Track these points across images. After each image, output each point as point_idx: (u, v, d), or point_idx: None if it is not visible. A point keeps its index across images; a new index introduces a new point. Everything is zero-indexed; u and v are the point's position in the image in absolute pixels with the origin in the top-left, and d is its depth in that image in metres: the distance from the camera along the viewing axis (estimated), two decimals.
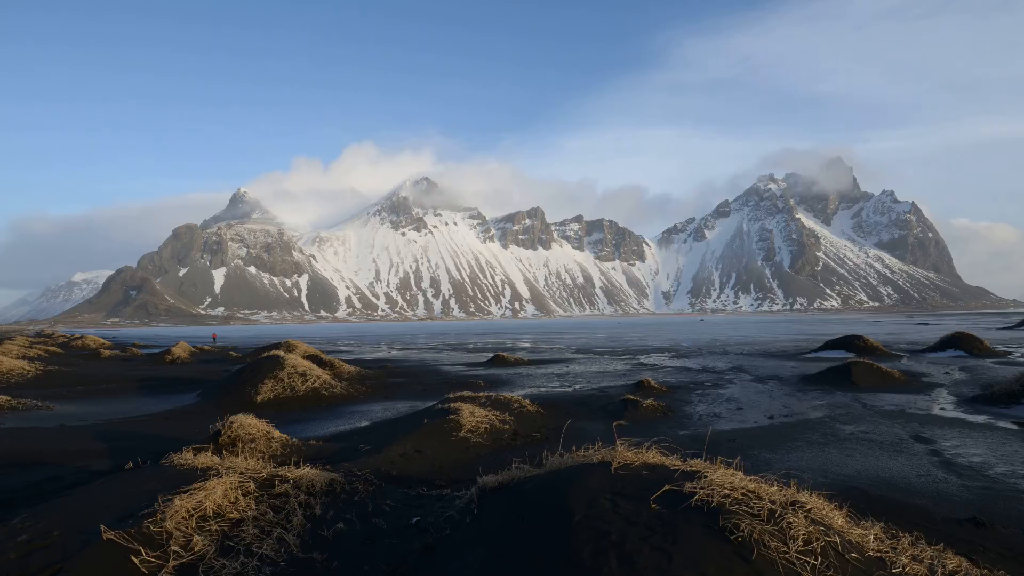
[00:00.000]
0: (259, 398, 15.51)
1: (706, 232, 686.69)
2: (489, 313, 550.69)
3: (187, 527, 4.77)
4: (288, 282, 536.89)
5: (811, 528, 3.92)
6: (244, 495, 5.45)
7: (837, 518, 4.38)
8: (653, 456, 5.14)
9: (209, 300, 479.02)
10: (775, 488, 4.48)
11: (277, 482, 5.93)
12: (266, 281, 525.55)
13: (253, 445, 8.74)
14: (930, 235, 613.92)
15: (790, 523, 3.92)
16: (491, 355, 30.17)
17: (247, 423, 9.08)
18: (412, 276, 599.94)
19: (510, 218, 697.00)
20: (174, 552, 4.46)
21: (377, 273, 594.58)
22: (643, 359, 29.25)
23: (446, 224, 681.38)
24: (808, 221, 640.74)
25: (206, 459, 6.49)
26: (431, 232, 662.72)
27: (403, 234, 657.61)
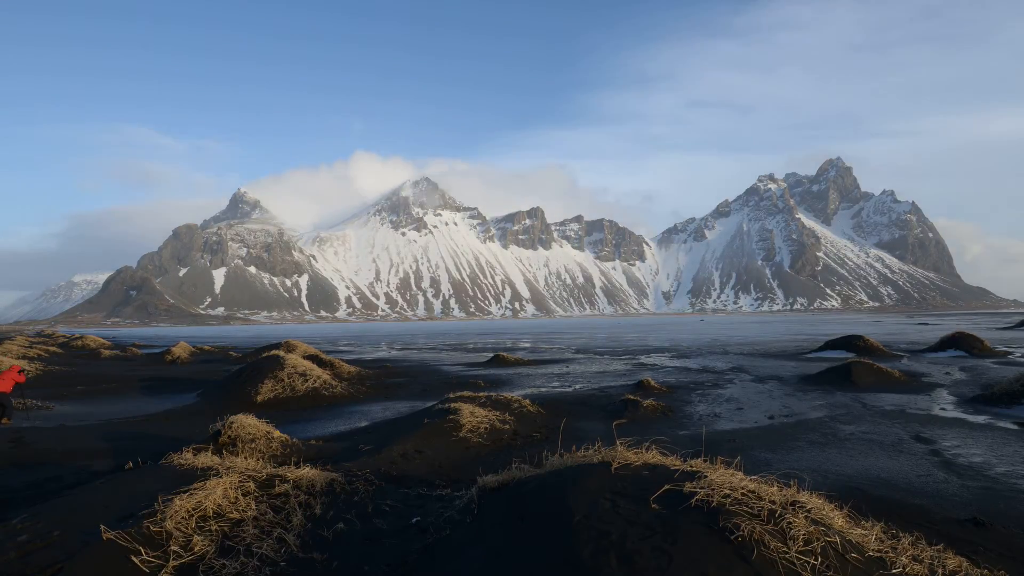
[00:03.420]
0: (259, 398, 15.51)
1: (706, 232, 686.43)
2: (489, 313, 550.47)
3: (187, 527, 4.77)
4: (288, 282, 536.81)
5: (811, 528, 3.92)
6: (244, 495, 5.45)
7: (837, 518, 4.37)
8: (653, 456, 5.14)
9: (209, 300, 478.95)
10: (775, 488, 4.48)
11: (277, 482, 5.93)
12: (266, 281, 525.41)
13: (253, 445, 8.74)
14: (930, 235, 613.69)
15: (790, 523, 3.92)
16: (491, 355, 30.16)
17: (247, 423, 9.08)
18: (412, 276, 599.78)
19: (510, 218, 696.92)
20: (174, 552, 4.46)
21: (377, 273, 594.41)
22: (643, 359, 29.24)
23: (446, 224, 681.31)
24: (808, 221, 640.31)
25: (206, 459, 6.49)
26: (431, 232, 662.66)
27: (403, 234, 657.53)
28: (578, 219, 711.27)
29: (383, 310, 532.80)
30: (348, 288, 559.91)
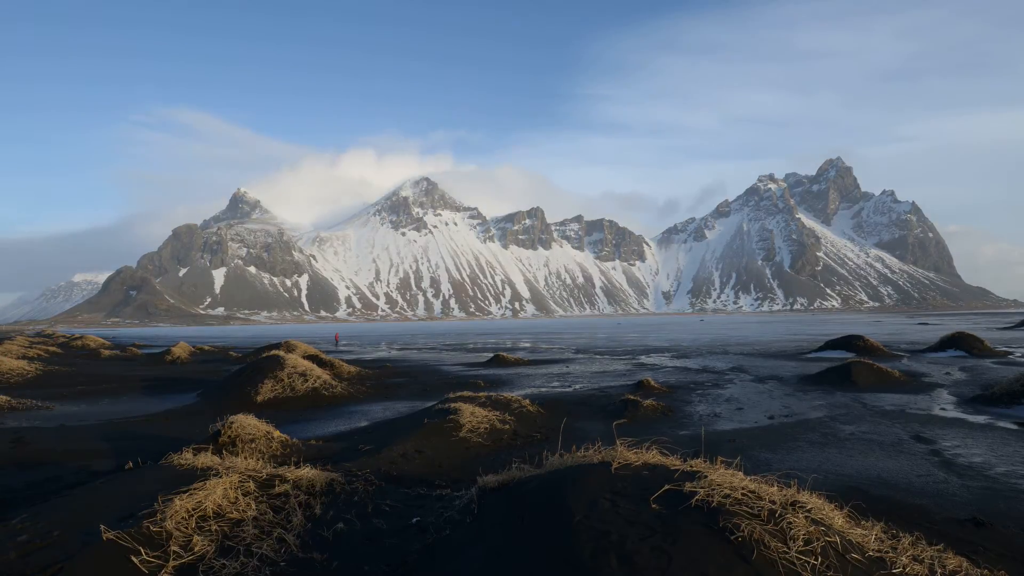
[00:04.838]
0: (259, 398, 15.51)
1: (706, 232, 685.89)
2: (489, 313, 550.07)
3: (187, 527, 4.77)
4: (288, 282, 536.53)
5: (811, 528, 3.92)
6: (244, 495, 5.45)
7: (837, 518, 4.37)
8: (653, 456, 5.14)
9: (209, 300, 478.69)
10: (775, 488, 4.47)
11: (277, 482, 5.93)
12: (266, 281, 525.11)
13: (253, 445, 8.73)
14: (930, 235, 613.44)
15: (790, 523, 3.92)
16: (491, 355, 30.16)
17: (247, 423, 9.07)
18: (412, 276, 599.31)
19: (510, 218, 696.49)
20: (174, 552, 4.46)
21: (377, 273, 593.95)
22: (643, 359, 29.24)
23: (446, 224, 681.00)
24: (808, 221, 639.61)
25: (206, 459, 6.49)
26: (431, 232, 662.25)
27: (403, 234, 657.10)
28: (578, 219, 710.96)
29: (383, 310, 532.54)
30: (348, 288, 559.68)
